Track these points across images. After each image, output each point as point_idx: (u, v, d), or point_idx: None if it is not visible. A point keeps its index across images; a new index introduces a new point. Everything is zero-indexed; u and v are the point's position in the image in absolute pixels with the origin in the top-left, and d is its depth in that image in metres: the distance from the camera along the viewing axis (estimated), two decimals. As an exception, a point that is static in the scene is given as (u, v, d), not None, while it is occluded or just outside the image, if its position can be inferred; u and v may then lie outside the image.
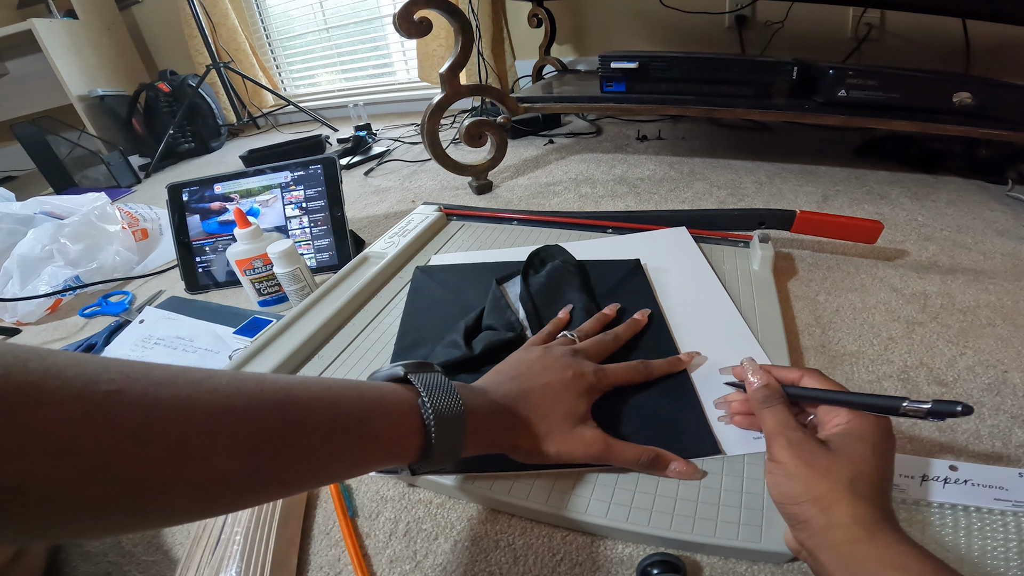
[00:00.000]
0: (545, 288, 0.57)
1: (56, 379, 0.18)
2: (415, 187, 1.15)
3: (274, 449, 0.23)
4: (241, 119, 2.15)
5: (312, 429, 0.25)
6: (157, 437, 0.19)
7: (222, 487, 0.22)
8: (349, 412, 0.27)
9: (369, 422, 0.28)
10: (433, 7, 0.82)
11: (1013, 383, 0.46)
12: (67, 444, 0.17)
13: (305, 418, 0.25)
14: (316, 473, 0.26)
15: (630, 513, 0.36)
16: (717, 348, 0.48)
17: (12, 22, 1.84)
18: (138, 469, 0.19)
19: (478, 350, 0.48)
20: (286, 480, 0.25)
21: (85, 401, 0.18)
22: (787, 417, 0.32)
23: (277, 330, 0.58)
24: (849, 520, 0.26)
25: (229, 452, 0.22)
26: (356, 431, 0.27)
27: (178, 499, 0.21)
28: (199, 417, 0.21)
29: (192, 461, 0.20)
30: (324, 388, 0.27)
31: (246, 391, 0.24)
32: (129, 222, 0.96)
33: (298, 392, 0.26)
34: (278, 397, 0.25)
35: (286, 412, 0.24)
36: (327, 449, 0.26)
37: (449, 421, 0.30)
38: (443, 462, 0.31)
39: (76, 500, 0.18)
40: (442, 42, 1.66)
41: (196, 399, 0.21)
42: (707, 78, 0.92)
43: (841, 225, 0.64)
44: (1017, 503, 0.33)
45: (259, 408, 0.23)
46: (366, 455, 0.28)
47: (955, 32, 1.16)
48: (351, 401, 0.28)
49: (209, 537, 0.37)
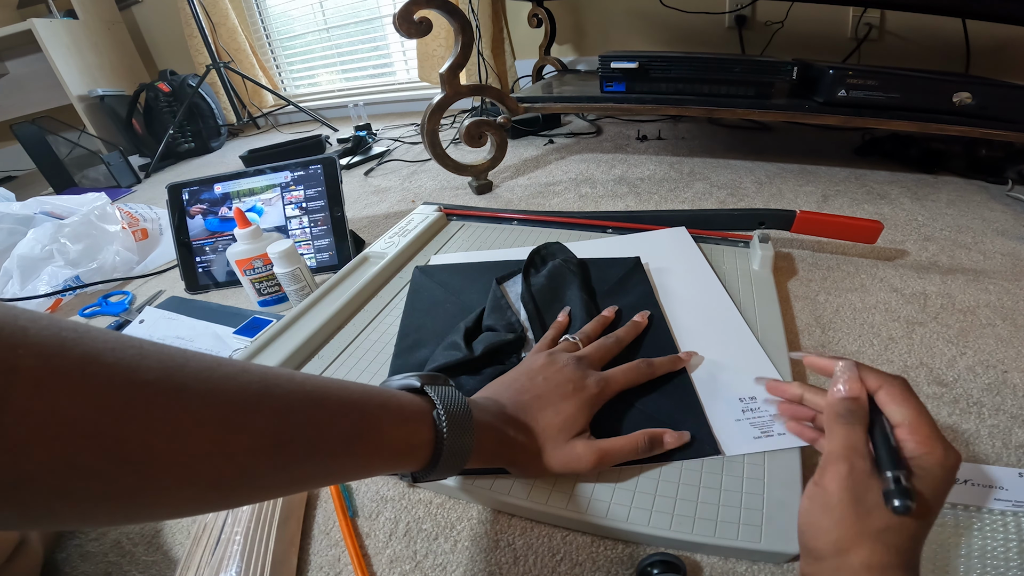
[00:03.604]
0: (546, 288, 0.57)
1: (97, 364, 0.18)
2: (415, 187, 1.15)
3: (298, 450, 0.24)
4: (241, 119, 2.15)
5: (337, 434, 0.26)
6: (189, 430, 0.20)
7: (240, 481, 0.22)
8: (371, 418, 0.28)
9: (389, 429, 0.28)
10: (433, 7, 0.82)
11: (1013, 383, 0.46)
12: (96, 432, 0.17)
13: (332, 422, 0.25)
14: (329, 474, 0.27)
15: (630, 513, 0.36)
16: (717, 348, 0.48)
17: (12, 22, 1.84)
18: (162, 460, 0.19)
19: (478, 352, 0.48)
20: (303, 480, 0.25)
21: (122, 392, 0.18)
22: (861, 442, 0.28)
23: (277, 330, 0.58)
24: (860, 566, 0.24)
25: (253, 450, 0.22)
26: (374, 438, 0.28)
27: (195, 492, 0.21)
28: (227, 412, 0.21)
29: (217, 456, 0.21)
30: (348, 392, 0.28)
31: (278, 390, 0.24)
32: (129, 222, 0.96)
33: (324, 395, 0.26)
34: (310, 398, 0.25)
35: (313, 415, 0.25)
36: (346, 453, 0.26)
37: (460, 435, 0.31)
38: (447, 473, 0.31)
39: (90, 488, 0.18)
40: (442, 42, 1.66)
41: (229, 393, 0.22)
42: (707, 78, 0.92)
43: (841, 225, 0.64)
44: (1017, 503, 0.33)
45: (288, 408, 0.24)
46: (378, 461, 0.28)
47: (955, 32, 1.16)
48: (374, 409, 0.28)
49: (209, 537, 0.37)
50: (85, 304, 0.81)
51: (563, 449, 0.37)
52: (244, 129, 2.19)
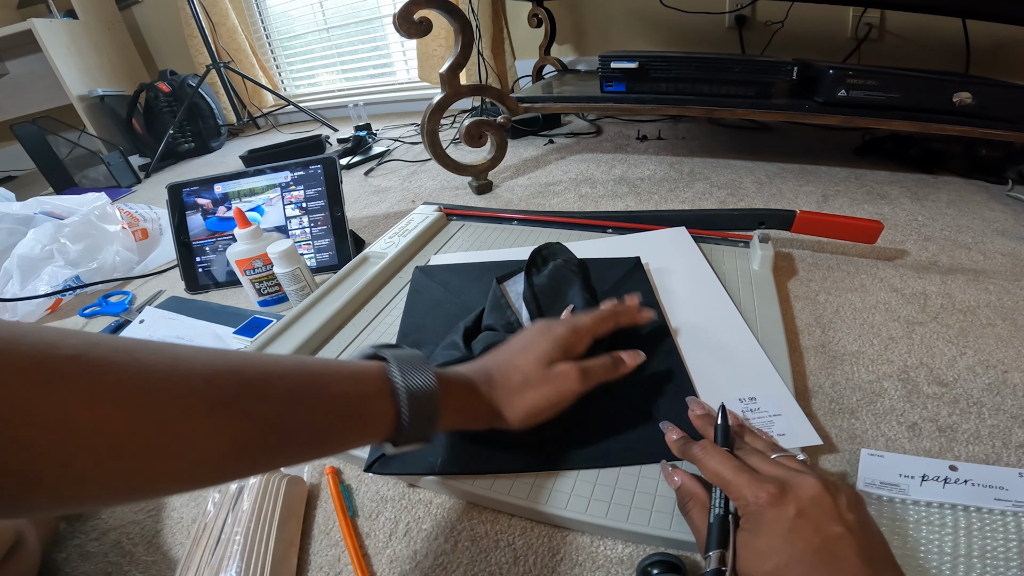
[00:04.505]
0: (548, 288, 0.57)
1: (18, 345, 0.18)
2: (415, 187, 1.15)
3: (236, 410, 0.23)
4: (241, 119, 2.15)
5: (273, 392, 0.25)
6: (119, 400, 0.20)
7: (187, 453, 0.22)
8: (313, 374, 0.27)
9: (335, 386, 0.28)
10: (433, 7, 0.82)
11: (1013, 383, 0.46)
12: (19, 409, 0.17)
13: (266, 380, 0.25)
14: (281, 440, 0.25)
15: (630, 513, 0.36)
16: (717, 348, 0.48)
17: (12, 22, 1.84)
18: (99, 433, 0.19)
19: (477, 351, 0.48)
20: (248, 445, 0.24)
21: (45, 367, 0.18)
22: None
23: (277, 330, 0.58)
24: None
25: (190, 413, 0.22)
26: (318, 393, 0.27)
27: (141, 463, 0.20)
28: (156, 379, 0.21)
29: (153, 424, 0.20)
30: (285, 357, 0.28)
31: (204, 356, 0.24)
32: (129, 222, 0.96)
33: (257, 358, 0.26)
34: (237, 362, 0.25)
35: (244, 375, 0.24)
36: (292, 412, 0.25)
37: (420, 384, 0.30)
38: (421, 431, 0.30)
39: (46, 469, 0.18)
40: (442, 42, 1.66)
41: (155, 364, 0.21)
42: (707, 78, 0.92)
43: (841, 225, 0.64)
44: (1017, 503, 0.33)
45: (217, 371, 0.23)
46: (334, 419, 0.27)
47: (955, 32, 1.16)
48: (315, 368, 0.28)
49: (209, 537, 0.37)
50: (85, 304, 0.81)
51: (544, 375, 0.37)
52: (244, 129, 2.19)
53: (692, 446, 0.35)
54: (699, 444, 0.35)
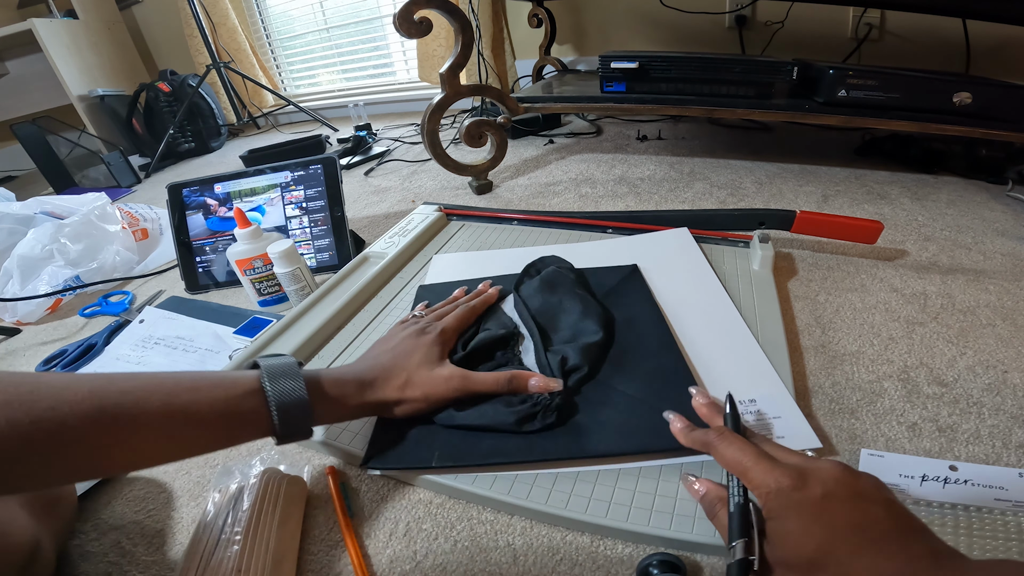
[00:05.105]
0: (542, 287, 0.57)
1: None
2: (415, 187, 1.15)
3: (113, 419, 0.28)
4: (241, 119, 2.15)
5: (156, 399, 0.30)
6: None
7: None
8: (185, 385, 0.32)
9: (208, 389, 0.32)
10: (433, 7, 0.82)
11: (1013, 383, 0.46)
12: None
13: (148, 390, 0.30)
14: (154, 435, 0.30)
15: (630, 513, 0.36)
16: (717, 349, 0.48)
17: (12, 22, 1.84)
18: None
19: (469, 349, 0.48)
20: (127, 445, 0.29)
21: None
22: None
23: (277, 330, 0.58)
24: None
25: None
26: (192, 398, 0.32)
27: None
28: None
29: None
30: (164, 373, 0.33)
31: (61, 380, 0.29)
32: (129, 222, 0.96)
33: (134, 375, 0.31)
34: (96, 382, 0.29)
35: (122, 387, 0.30)
36: (164, 414, 0.30)
37: (287, 388, 0.35)
38: (297, 428, 0.35)
39: None
40: (442, 42, 1.66)
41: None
42: (707, 78, 0.92)
43: (841, 225, 0.64)
44: (1017, 503, 0.33)
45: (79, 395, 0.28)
46: (209, 414, 0.32)
47: (955, 32, 1.16)
48: (185, 381, 0.33)
49: (209, 537, 0.37)
50: (85, 304, 0.81)
51: (429, 376, 0.42)
52: (244, 129, 2.19)
53: (707, 433, 0.34)
54: (714, 430, 0.34)
